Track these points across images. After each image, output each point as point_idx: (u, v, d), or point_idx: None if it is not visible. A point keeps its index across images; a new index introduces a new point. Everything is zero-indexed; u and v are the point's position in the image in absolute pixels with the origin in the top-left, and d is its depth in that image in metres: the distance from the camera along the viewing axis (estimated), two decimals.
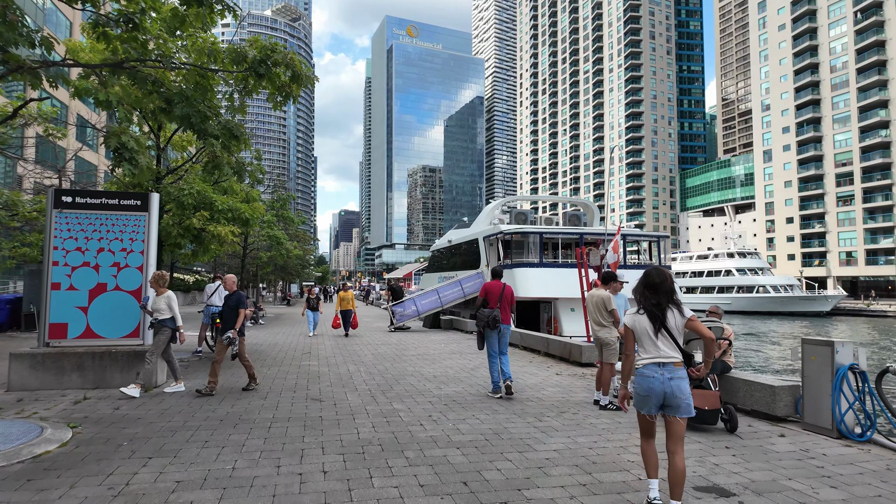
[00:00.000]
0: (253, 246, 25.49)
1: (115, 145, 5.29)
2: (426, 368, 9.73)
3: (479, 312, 7.25)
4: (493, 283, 7.42)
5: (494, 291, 7.30)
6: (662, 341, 3.48)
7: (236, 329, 7.28)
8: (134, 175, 5.57)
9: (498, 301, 7.26)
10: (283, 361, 10.41)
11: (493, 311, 7.14)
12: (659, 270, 3.66)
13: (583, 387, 8.05)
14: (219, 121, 6.79)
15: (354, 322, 15.76)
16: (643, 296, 3.64)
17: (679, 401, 3.39)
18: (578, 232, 17.18)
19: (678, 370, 3.44)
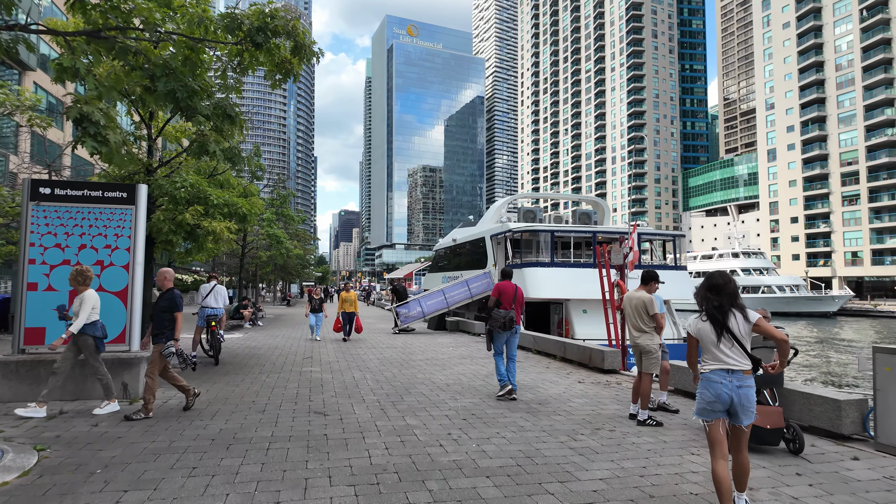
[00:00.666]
0: (252, 245, 24.77)
1: (76, 115, 4.51)
2: (437, 375, 9.03)
3: (495, 313, 7.12)
4: (506, 284, 7.32)
5: (508, 292, 7.20)
6: (729, 347, 3.38)
7: (176, 338, 5.96)
8: (102, 155, 4.80)
9: (512, 302, 7.17)
10: (283, 367, 9.71)
11: (508, 312, 7.06)
12: (722, 273, 3.57)
13: (611, 397, 7.35)
14: (210, 101, 6.08)
15: (357, 325, 14.39)
16: (705, 298, 3.52)
17: (747, 409, 3.35)
18: (591, 231, 16.49)
19: (747, 378, 3.36)
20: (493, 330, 7.18)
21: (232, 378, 8.47)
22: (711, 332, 3.43)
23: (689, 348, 3.69)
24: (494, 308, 7.23)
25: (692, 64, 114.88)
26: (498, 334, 7.21)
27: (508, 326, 7.06)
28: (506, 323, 7.03)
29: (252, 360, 10.69)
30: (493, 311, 7.19)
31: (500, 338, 7.23)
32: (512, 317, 7.06)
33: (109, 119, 4.78)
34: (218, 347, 10.13)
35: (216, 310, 10.22)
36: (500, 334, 7.20)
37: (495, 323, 7.09)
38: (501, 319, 7.05)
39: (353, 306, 14.16)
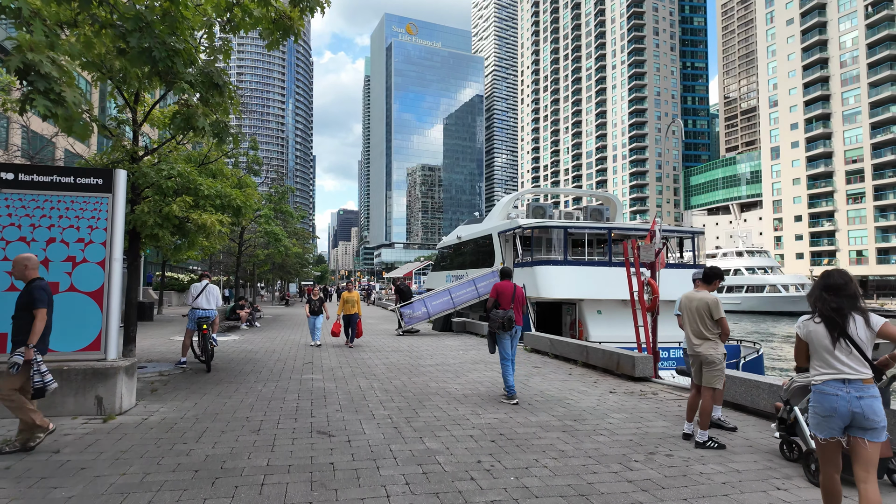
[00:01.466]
0: (249, 242, 23.89)
1: (18, 65, 3.58)
2: (451, 384, 8.18)
3: (493, 314, 7.02)
4: (505, 284, 7.18)
5: (507, 292, 7.07)
6: (846, 354, 3.03)
7: (29, 345, 4.54)
8: (58, 119, 3.92)
9: (511, 302, 7.04)
10: (281, 374, 8.85)
11: (507, 311, 6.95)
12: (840, 271, 3.23)
13: (653, 411, 6.50)
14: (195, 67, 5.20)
15: (359, 329, 12.81)
16: (820, 300, 3.17)
17: (872, 423, 2.93)
18: (606, 227, 15.64)
19: (869, 388, 2.99)
20: (495, 332, 7.02)
21: (224, 388, 7.61)
22: (826, 336, 3.09)
23: (796, 352, 3.39)
24: (493, 309, 7.09)
25: (693, 62, 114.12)
26: (500, 336, 7.03)
27: (508, 326, 6.92)
28: (505, 323, 6.89)
29: (248, 365, 9.83)
30: (491, 312, 7.05)
31: (503, 340, 7.04)
32: (511, 316, 6.92)
33: (64, 72, 3.87)
34: (210, 352, 9.28)
35: (208, 311, 9.37)
36: (503, 336, 7.02)
37: (494, 324, 6.95)
38: (500, 320, 6.90)
39: (355, 307, 12.73)
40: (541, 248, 16.62)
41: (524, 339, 12.91)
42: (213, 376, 8.58)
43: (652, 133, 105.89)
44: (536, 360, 10.94)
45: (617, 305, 15.55)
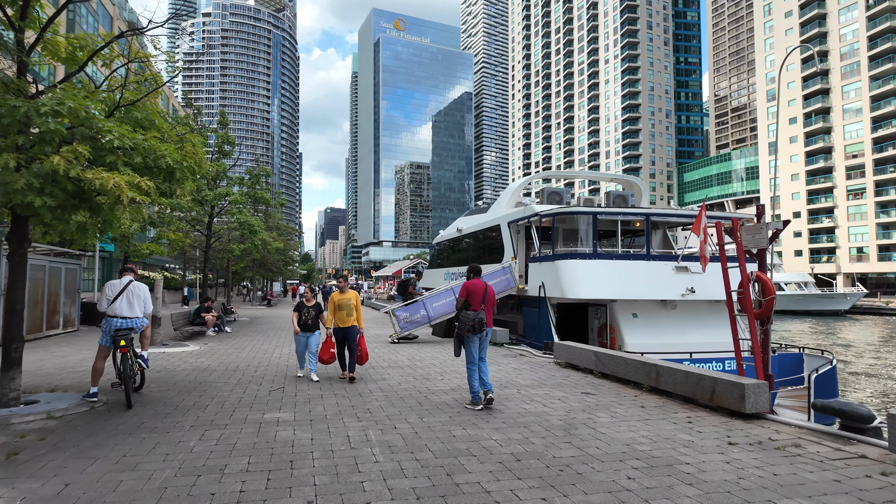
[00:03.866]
0: (222, 235, 21.04)
1: None
2: (486, 429, 5.54)
3: (463, 315, 6.65)
4: (475, 283, 6.81)
5: (478, 292, 6.71)
6: None
7: None
8: None
9: (482, 302, 6.69)
10: (234, 412, 6.14)
11: (478, 313, 6.60)
12: None
13: (833, 487, 3.90)
14: None
15: (362, 351, 8.31)
16: None
17: None
18: (644, 212, 13.10)
19: None
20: (463, 334, 6.64)
21: (138, 443, 4.89)
22: None
23: None
24: (463, 309, 6.69)
25: (687, 56, 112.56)
26: (469, 339, 6.65)
27: (479, 329, 6.56)
28: (476, 325, 6.54)
29: (192, 395, 7.10)
30: (461, 314, 6.66)
31: (472, 343, 6.66)
32: (482, 318, 6.58)
33: None
34: (134, 380, 6.56)
35: (131, 321, 6.61)
36: (472, 339, 6.64)
37: (465, 326, 6.58)
38: (471, 322, 6.54)
39: (353, 316, 8.22)
40: (563, 239, 14.03)
41: (554, 350, 10.33)
42: (131, 418, 5.83)
43: (645, 128, 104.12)
44: (580, 381, 8.34)
45: (655, 307, 13.03)
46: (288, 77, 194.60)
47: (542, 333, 13.39)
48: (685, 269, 12.76)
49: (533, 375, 8.90)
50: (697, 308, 13.34)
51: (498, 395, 7.28)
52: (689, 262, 12.90)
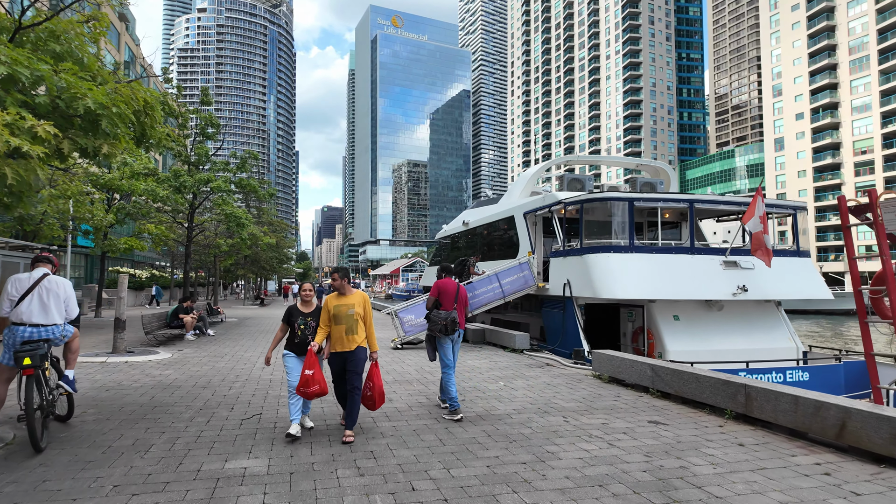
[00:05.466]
0: (202, 228, 19.23)
1: None
2: (556, 499, 3.80)
3: (434, 315, 6.24)
4: (447, 282, 6.48)
5: (450, 291, 6.36)
6: None
7: None
8: None
9: (454, 302, 6.31)
10: (184, 457, 4.38)
11: (450, 313, 6.20)
12: None
13: None
14: None
15: (376, 389, 5.24)
16: None
17: None
18: (687, 199, 11.39)
19: None
20: (435, 336, 6.23)
21: None
22: None
23: None
24: (434, 309, 6.30)
25: (689, 52, 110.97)
26: (441, 341, 6.22)
27: (451, 329, 6.15)
28: (448, 325, 6.13)
29: (138, 425, 5.34)
30: (432, 314, 6.27)
31: (445, 345, 6.22)
32: (455, 318, 6.18)
33: None
34: (53, 408, 4.80)
35: (45, 329, 4.81)
36: (444, 340, 6.20)
37: (436, 326, 6.17)
38: (442, 322, 6.13)
39: (358, 334, 5.13)
40: (593, 230, 12.31)
41: (594, 360, 8.61)
42: (30, 472, 4.06)
43: (647, 125, 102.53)
44: (637, 403, 6.61)
45: (699, 309, 11.33)
46: (284, 74, 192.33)
47: (568, 338, 11.67)
48: (734, 265, 11.07)
49: (574, 394, 7.17)
50: (745, 309, 11.67)
51: (543, 425, 5.54)
52: (739, 257, 11.22)
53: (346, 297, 5.16)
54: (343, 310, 5.07)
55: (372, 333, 5.22)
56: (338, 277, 5.21)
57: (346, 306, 5.09)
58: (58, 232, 15.12)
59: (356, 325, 5.09)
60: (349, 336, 5.06)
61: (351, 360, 5.06)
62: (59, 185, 13.76)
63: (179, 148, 15.21)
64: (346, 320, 5.05)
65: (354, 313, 5.09)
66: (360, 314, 5.13)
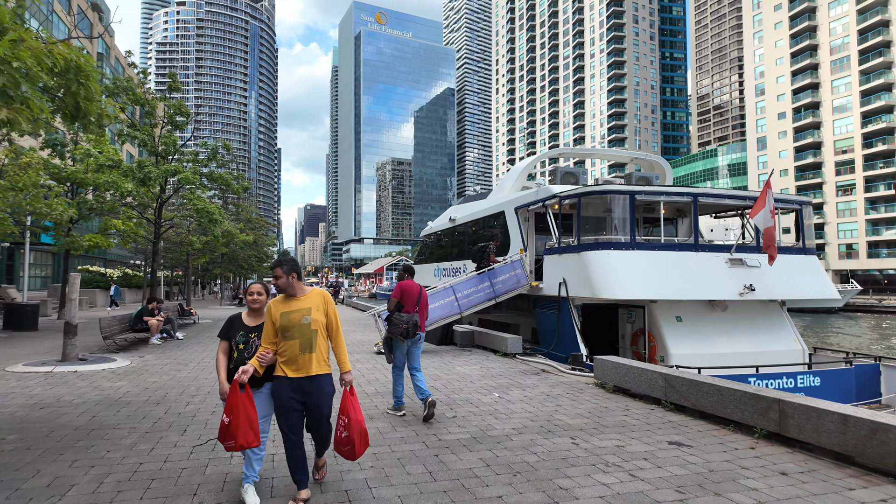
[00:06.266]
0: (178, 224, 18.12)
1: None
2: None
3: (395, 318, 6.05)
4: (409, 283, 6.37)
5: (412, 293, 6.25)
6: None
7: None
8: None
9: (416, 305, 6.19)
10: (111, 502, 3.49)
11: (412, 316, 6.05)
12: None
13: None
14: None
15: (355, 428, 3.54)
16: None
17: None
18: (691, 192, 10.70)
19: None
20: (394, 338, 6.09)
21: None
22: None
23: None
24: (395, 312, 6.12)
25: (672, 52, 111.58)
26: (398, 343, 6.13)
27: (412, 333, 6.00)
28: (409, 329, 5.98)
29: (65, 455, 4.42)
30: (393, 316, 6.08)
31: (401, 348, 6.15)
32: (416, 322, 6.03)
33: None
34: None
35: None
36: (401, 343, 6.11)
37: (396, 329, 6.00)
38: (403, 325, 5.97)
39: (318, 353, 3.51)
40: (590, 226, 11.58)
41: (596, 367, 7.85)
42: None
43: (631, 124, 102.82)
44: (650, 418, 5.85)
45: (702, 309, 10.67)
46: (266, 69, 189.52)
47: (564, 341, 10.92)
48: (740, 263, 10.42)
49: (578, 408, 6.40)
50: (749, 309, 11.04)
51: (550, 449, 4.74)
52: (745, 254, 10.57)
53: (297, 300, 3.54)
54: (295, 318, 3.46)
55: (341, 348, 3.62)
56: (281, 273, 3.52)
57: (298, 313, 3.47)
58: (10, 228, 13.93)
59: (316, 338, 3.49)
60: (306, 355, 3.46)
61: (311, 392, 3.45)
62: (10, 175, 12.61)
63: (144, 136, 14.11)
64: (299, 332, 3.45)
65: (312, 321, 3.47)
66: (320, 322, 3.52)
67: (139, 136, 13.75)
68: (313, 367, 3.47)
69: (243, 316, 3.86)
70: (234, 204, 35.99)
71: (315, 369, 3.47)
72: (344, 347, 3.66)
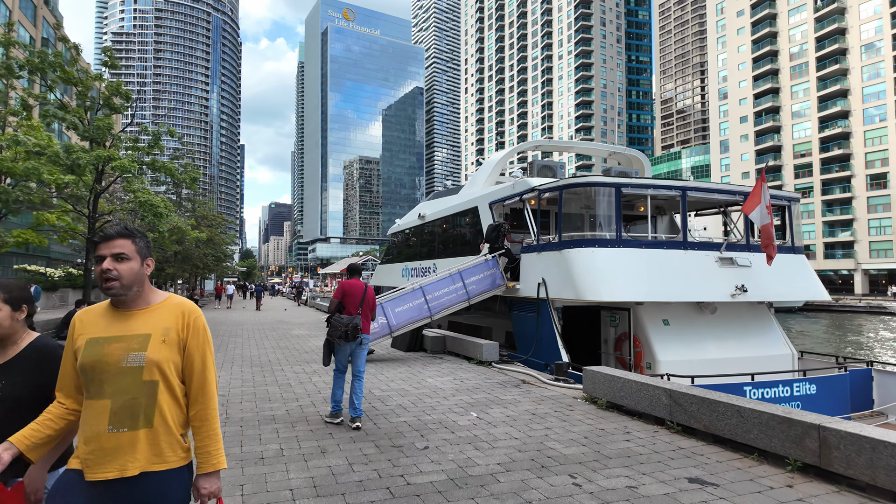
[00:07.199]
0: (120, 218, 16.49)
1: None
2: None
3: (335, 319, 5.72)
4: (353, 283, 6.07)
5: (355, 293, 5.94)
6: None
7: None
8: None
9: (359, 306, 5.89)
10: None
11: (353, 318, 5.71)
12: None
13: None
14: None
15: None
16: None
17: None
18: (680, 186, 9.95)
19: None
20: (333, 340, 5.72)
21: None
22: None
23: None
24: (336, 312, 5.82)
25: (638, 55, 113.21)
26: (339, 347, 5.75)
27: (352, 336, 5.63)
28: (349, 332, 5.61)
29: None
30: (333, 317, 5.75)
31: (342, 351, 5.78)
32: (357, 324, 5.67)
33: None
34: None
35: None
36: (342, 346, 5.74)
37: (335, 332, 5.66)
38: (343, 328, 5.61)
39: (153, 422, 1.76)
40: (571, 222, 10.71)
41: (585, 380, 6.94)
42: None
43: (598, 126, 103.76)
44: (657, 444, 4.94)
45: (690, 311, 9.94)
46: (229, 63, 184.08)
47: (544, 347, 10.02)
48: (731, 262, 9.73)
49: (571, 431, 5.44)
50: (738, 311, 10.39)
51: (548, 493, 3.74)
52: (735, 253, 9.90)
53: (128, 320, 1.84)
54: (112, 353, 1.77)
55: (209, 421, 1.89)
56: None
57: (120, 344, 1.79)
58: None
59: (150, 398, 1.78)
60: (122, 434, 1.74)
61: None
62: None
63: (73, 118, 12.52)
64: (116, 384, 1.76)
65: (146, 363, 1.78)
66: (164, 364, 1.81)
67: (67, 118, 12.19)
68: (137, 460, 1.73)
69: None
70: (189, 199, 33.97)
71: (141, 464, 1.74)
72: (215, 421, 1.90)
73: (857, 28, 62.70)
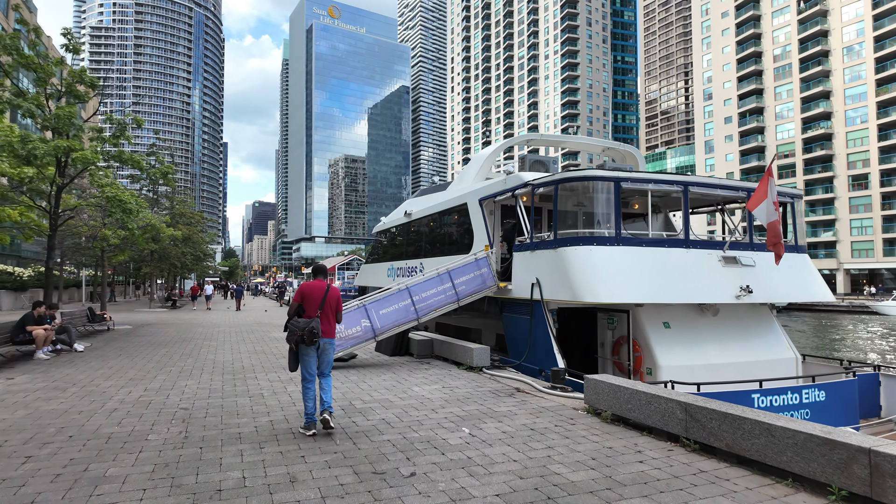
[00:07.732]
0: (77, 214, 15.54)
1: None
2: None
3: (293, 323, 5.43)
4: (315, 284, 5.71)
5: (315, 295, 5.59)
6: None
7: None
8: None
9: (319, 308, 5.52)
10: None
11: (310, 321, 5.38)
12: None
13: None
14: None
15: None
16: None
17: None
18: (682, 181, 9.41)
19: None
20: (290, 345, 5.44)
21: None
22: None
23: None
24: (295, 316, 5.51)
25: (623, 56, 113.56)
26: (304, 352, 5.44)
27: (309, 341, 5.30)
28: (305, 335, 5.29)
29: None
30: (291, 321, 5.45)
31: (308, 355, 5.46)
32: (314, 328, 5.32)
33: None
34: None
35: None
36: (307, 351, 5.43)
37: (291, 336, 5.37)
38: (299, 331, 5.31)
39: None
40: (567, 219, 10.13)
41: (587, 389, 6.34)
42: None
43: (584, 126, 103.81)
44: (674, 467, 4.36)
45: (691, 313, 9.42)
46: (212, 60, 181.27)
47: (538, 352, 9.43)
48: (734, 262, 9.22)
49: (576, 451, 4.83)
50: (740, 313, 9.92)
51: None
52: (739, 252, 9.40)
53: None
54: None
55: None
56: None
57: None
58: None
59: None
60: None
61: None
62: None
63: (30, 106, 11.59)
64: None
65: None
66: None
67: (24, 106, 11.29)
68: None
69: None
70: (167, 197, 32.84)
71: None
72: None
73: (839, 30, 63.37)
